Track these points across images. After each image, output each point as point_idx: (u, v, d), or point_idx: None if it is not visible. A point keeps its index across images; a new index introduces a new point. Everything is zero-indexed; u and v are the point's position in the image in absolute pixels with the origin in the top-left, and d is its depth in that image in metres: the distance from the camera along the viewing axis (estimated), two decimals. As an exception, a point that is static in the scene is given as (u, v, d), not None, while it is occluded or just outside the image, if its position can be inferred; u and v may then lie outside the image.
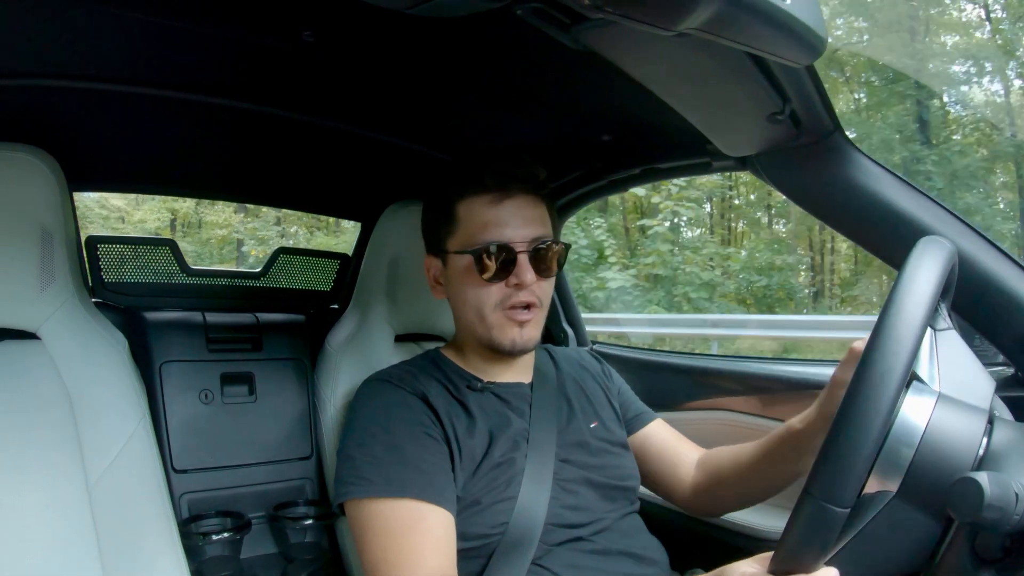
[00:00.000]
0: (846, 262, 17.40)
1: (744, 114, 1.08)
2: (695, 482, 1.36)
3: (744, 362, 1.79)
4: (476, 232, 1.20)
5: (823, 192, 1.23)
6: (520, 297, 1.19)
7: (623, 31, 0.75)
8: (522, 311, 1.20)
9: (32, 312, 1.19)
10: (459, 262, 1.22)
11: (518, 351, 1.23)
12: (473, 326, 1.25)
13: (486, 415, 1.21)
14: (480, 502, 1.12)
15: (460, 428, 1.17)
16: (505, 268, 1.18)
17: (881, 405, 0.65)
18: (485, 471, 1.14)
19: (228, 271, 1.87)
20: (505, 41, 1.14)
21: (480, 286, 1.20)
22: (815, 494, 0.65)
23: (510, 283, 1.19)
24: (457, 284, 1.24)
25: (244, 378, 1.62)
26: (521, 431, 1.21)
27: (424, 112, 1.50)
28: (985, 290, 1.13)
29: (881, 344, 0.67)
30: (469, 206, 1.22)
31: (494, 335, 1.22)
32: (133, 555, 1.13)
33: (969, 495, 0.63)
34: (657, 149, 1.54)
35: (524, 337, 1.22)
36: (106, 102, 1.33)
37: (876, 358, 0.66)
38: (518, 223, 1.20)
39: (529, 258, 1.19)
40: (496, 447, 1.16)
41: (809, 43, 0.79)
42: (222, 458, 1.54)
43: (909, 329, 0.67)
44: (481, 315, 1.21)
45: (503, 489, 1.13)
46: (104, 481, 1.15)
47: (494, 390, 1.26)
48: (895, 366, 0.65)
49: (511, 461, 1.16)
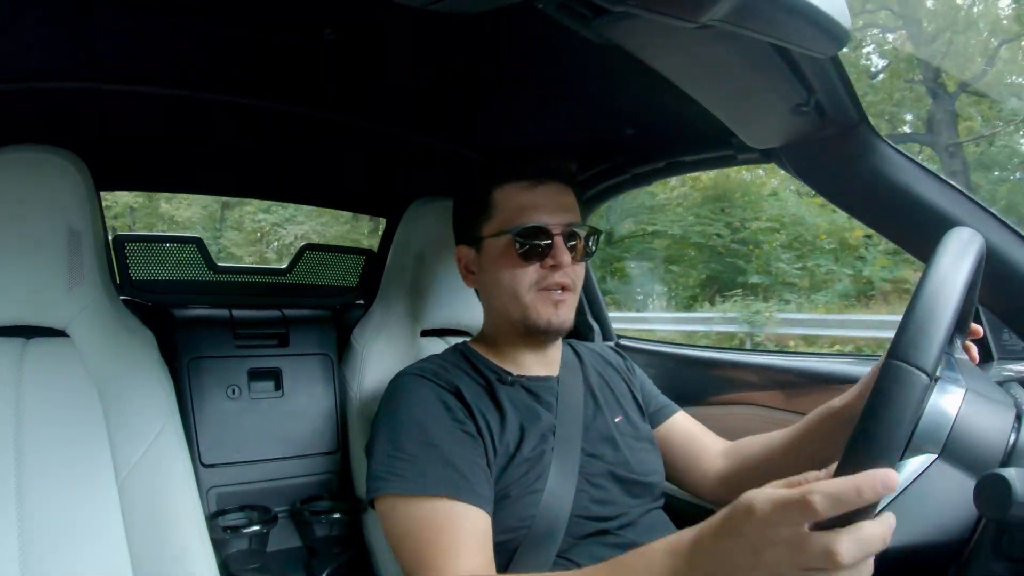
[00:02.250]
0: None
1: (768, 106, 1.08)
2: (721, 472, 1.35)
3: (770, 356, 1.78)
4: (513, 215, 1.22)
5: (849, 184, 1.21)
6: (555, 278, 1.21)
7: (646, 24, 0.75)
8: (557, 291, 1.22)
9: (61, 310, 1.21)
10: (495, 245, 1.24)
11: (553, 330, 1.24)
12: (507, 309, 1.25)
13: (516, 409, 1.21)
14: (509, 496, 1.12)
15: (493, 422, 1.17)
16: (542, 249, 1.20)
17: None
18: (516, 465, 1.14)
19: (254, 268, 1.90)
20: (527, 36, 1.14)
21: (517, 267, 1.21)
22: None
23: (546, 264, 1.21)
24: (492, 268, 1.26)
25: (271, 373, 1.63)
26: (549, 425, 1.21)
27: (446, 108, 1.50)
28: (1013, 283, 1.11)
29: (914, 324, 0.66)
30: (505, 192, 1.24)
31: (530, 314, 1.22)
32: (162, 548, 1.14)
33: (997, 492, 0.62)
34: (681, 142, 1.53)
35: (560, 317, 1.23)
36: (131, 103, 1.35)
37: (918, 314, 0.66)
38: (553, 208, 1.22)
39: (564, 240, 1.21)
40: (527, 441, 1.16)
41: (833, 33, 0.79)
42: (249, 453, 1.56)
43: (942, 319, 0.66)
44: (516, 296, 1.22)
45: (532, 483, 1.13)
46: (133, 476, 1.16)
47: (524, 383, 1.26)
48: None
49: (540, 455, 1.16)
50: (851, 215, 1.28)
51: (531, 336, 1.26)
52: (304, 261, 1.87)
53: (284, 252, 17.83)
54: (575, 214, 1.26)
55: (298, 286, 1.86)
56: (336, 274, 1.92)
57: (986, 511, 0.64)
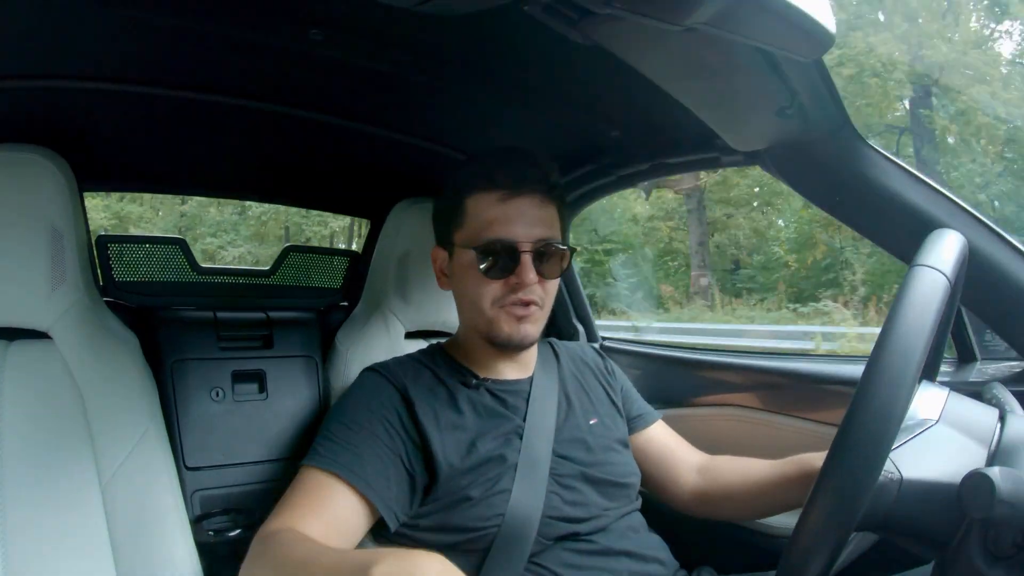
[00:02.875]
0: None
1: (753, 109, 1.08)
2: (697, 488, 1.36)
3: (753, 357, 1.78)
4: (482, 228, 1.20)
5: (833, 186, 1.22)
6: (519, 295, 1.19)
7: (631, 26, 0.75)
8: (520, 307, 1.21)
9: (43, 312, 1.20)
10: (463, 256, 1.23)
11: (514, 345, 1.24)
12: (473, 319, 1.26)
13: (476, 412, 1.21)
14: (471, 498, 1.12)
15: (444, 421, 1.17)
16: (507, 266, 1.19)
17: (898, 398, 0.65)
18: (473, 464, 1.14)
19: (238, 269, 1.88)
20: (514, 38, 1.14)
21: (481, 282, 1.20)
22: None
23: (510, 282, 1.19)
24: (460, 278, 1.25)
25: (255, 375, 1.62)
26: (515, 427, 1.21)
27: (434, 109, 1.50)
28: (996, 284, 1.12)
29: (895, 337, 0.66)
30: (477, 202, 1.22)
31: (492, 328, 1.22)
32: (146, 552, 1.14)
33: (981, 491, 0.63)
34: (666, 144, 1.53)
35: (521, 332, 1.22)
36: (115, 102, 1.34)
37: (890, 351, 0.66)
38: (525, 222, 1.19)
39: (533, 258, 1.19)
40: (483, 443, 1.17)
41: (817, 37, 0.79)
42: (233, 456, 1.55)
43: (922, 324, 0.67)
44: (480, 309, 1.22)
45: (494, 484, 1.13)
46: (117, 479, 1.15)
47: (490, 387, 1.26)
48: (908, 362, 0.65)
49: (500, 458, 1.16)
50: (835, 217, 1.29)
51: (496, 347, 1.26)
52: (288, 262, 1.85)
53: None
54: (551, 228, 1.23)
55: (282, 287, 1.85)
56: (320, 276, 1.91)
57: (970, 509, 0.64)
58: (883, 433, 0.64)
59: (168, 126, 1.49)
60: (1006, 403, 0.87)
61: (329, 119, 1.50)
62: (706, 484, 1.35)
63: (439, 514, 1.13)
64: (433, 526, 1.13)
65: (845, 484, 0.64)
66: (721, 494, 1.32)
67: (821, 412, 1.49)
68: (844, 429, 0.65)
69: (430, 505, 1.13)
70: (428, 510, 1.13)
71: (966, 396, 0.84)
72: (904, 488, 0.73)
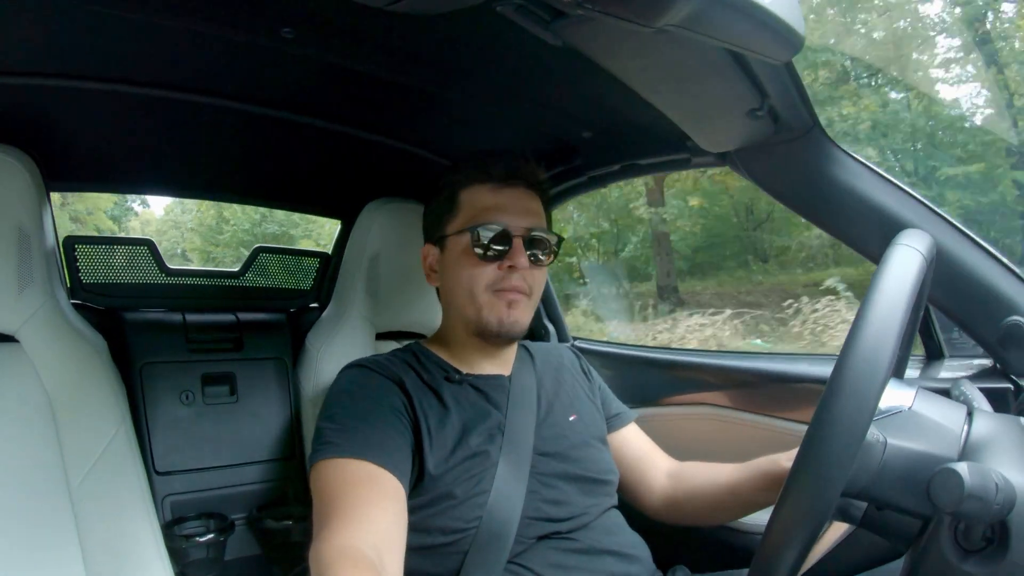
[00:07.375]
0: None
1: (723, 110, 1.09)
2: (666, 493, 1.37)
3: (726, 356, 1.79)
4: (477, 214, 1.24)
5: (802, 187, 1.24)
6: (512, 281, 1.23)
7: (603, 27, 0.75)
8: (511, 292, 1.23)
9: (10, 314, 1.18)
10: (457, 243, 1.26)
11: (504, 332, 1.24)
12: (463, 308, 1.27)
13: (461, 407, 1.21)
14: (455, 495, 1.12)
15: (432, 417, 1.17)
16: (500, 250, 1.22)
17: (865, 402, 0.65)
18: (458, 460, 1.14)
19: (207, 271, 1.85)
20: (485, 38, 1.14)
21: (475, 265, 1.23)
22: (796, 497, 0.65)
23: (503, 266, 1.22)
24: (452, 266, 1.27)
25: (225, 378, 1.61)
26: (497, 423, 1.22)
27: (406, 109, 1.49)
28: (963, 283, 1.14)
29: (864, 335, 0.67)
30: (471, 192, 1.27)
31: (483, 314, 1.24)
32: (117, 558, 1.12)
33: (950, 486, 0.64)
34: (637, 145, 1.54)
35: (511, 318, 1.24)
36: (83, 100, 1.32)
37: (859, 351, 0.66)
38: (517, 210, 1.25)
39: (524, 244, 1.22)
40: (470, 438, 1.17)
41: (788, 39, 0.80)
42: (204, 459, 1.53)
43: (891, 320, 0.68)
44: (472, 295, 1.24)
45: (476, 483, 1.13)
46: (86, 484, 1.14)
47: (472, 382, 1.27)
48: (879, 360, 0.65)
49: (485, 454, 1.16)
50: (804, 217, 1.30)
51: (483, 338, 1.27)
52: (258, 264, 1.84)
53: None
54: (539, 219, 1.28)
55: (252, 289, 1.83)
56: (290, 277, 1.90)
57: (940, 504, 0.65)
58: (858, 416, 0.64)
59: (136, 124, 1.47)
60: (973, 399, 0.89)
61: (300, 118, 1.49)
62: (676, 489, 1.36)
63: (421, 512, 1.11)
64: (414, 526, 1.11)
65: (818, 474, 0.64)
66: (690, 499, 1.33)
67: (793, 411, 1.51)
68: (819, 414, 0.65)
69: (413, 501, 1.12)
70: (411, 506, 1.11)
71: (934, 393, 0.85)
72: (888, 452, 0.74)
